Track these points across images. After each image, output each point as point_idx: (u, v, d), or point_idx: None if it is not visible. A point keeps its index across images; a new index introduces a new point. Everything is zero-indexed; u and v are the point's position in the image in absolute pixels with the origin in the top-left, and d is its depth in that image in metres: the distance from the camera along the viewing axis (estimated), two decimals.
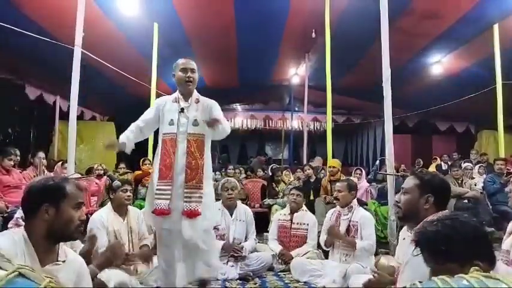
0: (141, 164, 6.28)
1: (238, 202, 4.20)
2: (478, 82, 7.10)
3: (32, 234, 1.52)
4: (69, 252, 1.70)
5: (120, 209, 3.33)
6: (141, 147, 6.99)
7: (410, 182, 1.92)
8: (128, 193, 3.35)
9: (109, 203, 3.39)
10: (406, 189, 1.92)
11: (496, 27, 6.15)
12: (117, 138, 2.92)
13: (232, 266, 3.73)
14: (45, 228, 1.53)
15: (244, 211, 4.12)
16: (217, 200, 3.60)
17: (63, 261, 1.60)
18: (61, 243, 1.63)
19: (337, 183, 3.87)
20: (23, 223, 1.91)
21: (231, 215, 4.01)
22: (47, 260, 1.53)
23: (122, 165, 6.88)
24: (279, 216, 4.34)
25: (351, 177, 5.32)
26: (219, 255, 3.53)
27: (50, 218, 1.53)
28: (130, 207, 3.50)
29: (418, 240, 1.27)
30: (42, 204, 1.53)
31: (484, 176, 6.57)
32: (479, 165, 7.12)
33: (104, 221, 3.17)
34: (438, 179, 1.94)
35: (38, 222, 1.53)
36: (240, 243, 3.94)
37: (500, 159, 6.06)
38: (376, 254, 3.59)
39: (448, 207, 5.98)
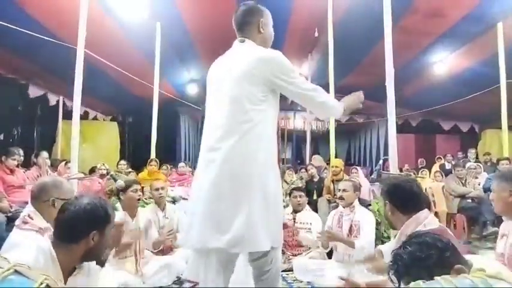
0: (147, 165, 6.27)
1: None
2: (482, 81, 7.08)
3: (64, 255, 1.48)
4: None
5: (130, 210, 3.29)
6: (144, 144, 7.04)
7: None
8: (138, 193, 3.31)
9: (118, 204, 3.34)
10: None
11: (500, 25, 6.12)
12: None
13: None
14: (83, 251, 1.51)
15: None
16: None
17: (78, 268, 1.59)
18: None
19: (342, 183, 3.85)
20: (31, 220, 1.90)
21: None
22: (68, 275, 1.52)
23: (123, 162, 6.88)
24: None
25: (352, 178, 5.31)
26: None
27: (94, 243, 1.52)
28: (139, 209, 3.50)
29: (393, 272, 1.26)
30: (91, 232, 1.51)
31: (483, 174, 6.55)
32: (477, 164, 7.09)
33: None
34: (390, 184, 1.97)
35: (80, 247, 1.51)
36: None
37: (504, 159, 6.03)
38: None
39: (452, 207, 5.89)
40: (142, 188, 5.92)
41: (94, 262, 1.73)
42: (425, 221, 1.81)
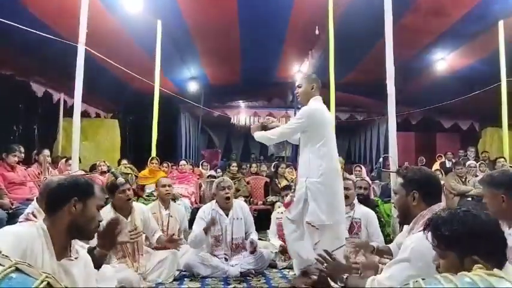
0: (148, 163, 6.27)
1: (234, 200, 4.00)
2: (482, 79, 7.06)
3: (52, 227, 1.55)
4: (80, 250, 1.73)
5: (123, 209, 3.22)
6: (144, 141, 7.03)
7: (397, 181, 2.01)
8: (127, 193, 3.22)
9: (110, 204, 3.25)
10: (394, 189, 2.05)
11: (501, 23, 6.10)
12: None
13: (233, 265, 3.68)
14: (68, 221, 1.57)
15: (240, 208, 3.91)
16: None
17: (76, 258, 1.63)
18: (72, 241, 1.66)
19: (345, 182, 3.84)
20: (34, 218, 1.92)
21: (227, 215, 3.79)
22: (61, 254, 1.57)
23: (124, 161, 6.90)
24: (276, 214, 4.32)
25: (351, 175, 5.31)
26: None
27: (76, 212, 1.58)
28: (135, 204, 3.42)
29: (429, 224, 1.33)
30: (72, 198, 1.57)
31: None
32: (480, 162, 7.09)
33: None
34: (421, 174, 1.96)
35: (63, 215, 1.57)
36: (242, 242, 3.84)
37: (500, 157, 6.03)
38: None
39: (452, 206, 5.93)
40: (143, 186, 5.95)
41: (88, 257, 1.75)
42: None
